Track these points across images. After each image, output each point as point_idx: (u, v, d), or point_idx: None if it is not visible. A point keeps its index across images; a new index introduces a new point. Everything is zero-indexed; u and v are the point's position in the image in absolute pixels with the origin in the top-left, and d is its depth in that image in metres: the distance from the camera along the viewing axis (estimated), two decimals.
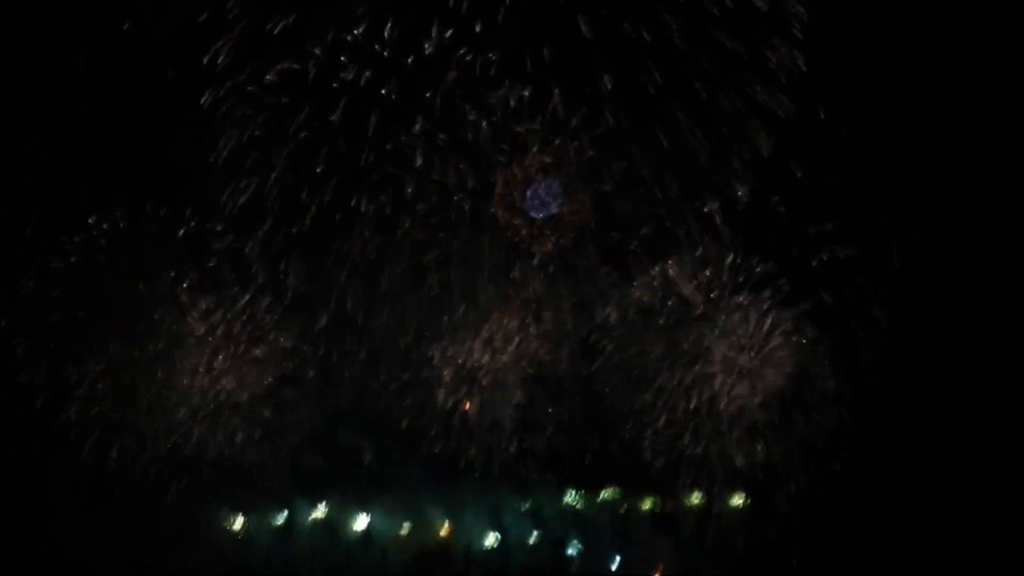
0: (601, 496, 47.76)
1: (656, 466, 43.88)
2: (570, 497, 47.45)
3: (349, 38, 39.49)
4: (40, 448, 43.41)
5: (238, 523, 46.40)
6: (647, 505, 47.55)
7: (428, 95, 39.68)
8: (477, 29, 39.24)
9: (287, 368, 43.69)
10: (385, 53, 39.53)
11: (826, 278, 42.61)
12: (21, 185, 43.16)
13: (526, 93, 39.38)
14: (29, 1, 42.37)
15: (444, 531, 46.96)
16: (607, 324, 43.54)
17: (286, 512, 46.71)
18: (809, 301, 42.38)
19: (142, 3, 40.88)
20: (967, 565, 44.25)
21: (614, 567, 47.30)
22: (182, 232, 42.87)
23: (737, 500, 46.13)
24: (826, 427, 42.97)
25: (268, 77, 39.92)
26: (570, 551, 47.37)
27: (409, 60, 39.50)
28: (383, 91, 39.96)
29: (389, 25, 39.56)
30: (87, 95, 42.32)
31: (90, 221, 42.61)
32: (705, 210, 41.32)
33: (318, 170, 41.08)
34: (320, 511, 46.84)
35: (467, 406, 43.29)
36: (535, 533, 47.27)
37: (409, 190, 40.62)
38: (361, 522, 46.90)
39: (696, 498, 46.41)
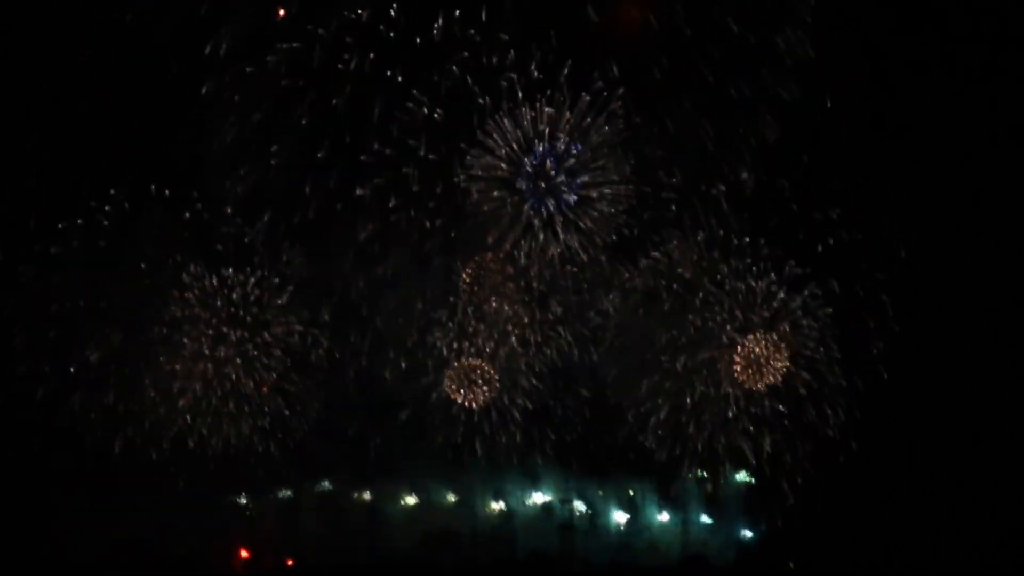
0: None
1: (659, 458, 43.45)
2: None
3: (354, 16, 39.29)
4: (43, 433, 42.58)
5: (243, 500, 45.88)
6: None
7: (436, 79, 39.60)
8: (483, 15, 39.32)
9: (296, 346, 43.03)
10: (391, 34, 39.36)
11: (833, 264, 42.25)
12: (22, 170, 42.56)
13: (535, 74, 39.09)
14: None
15: (450, 498, 46.51)
16: (611, 309, 43.07)
17: (291, 492, 46.21)
18: (816, 287, 41.98)
19: None
20: (973, 559, 43.88)
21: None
22: (187, 216, 42.24)
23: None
24: (835, 417, 42.44)
25: (269, 58, 39.59)
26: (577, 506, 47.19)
27: (416, 42, 39.42)
28: (388, 74, 39.82)
29: (395, 8, 39.52)
30: (89, 80, 41.86)
31: (92, 204, 41.94)
32: (713, 192, 41.30)
33: (318, 155, 40.78)
34: (325, 486, 46.38)
35: (469, 403, 42.79)
36: (536, 495, 46.95)
37: (407, 172, 40.38)
38: (367, 495, 46.40)
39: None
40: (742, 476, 46.19)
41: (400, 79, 39.69)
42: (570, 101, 39.37)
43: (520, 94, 39.46)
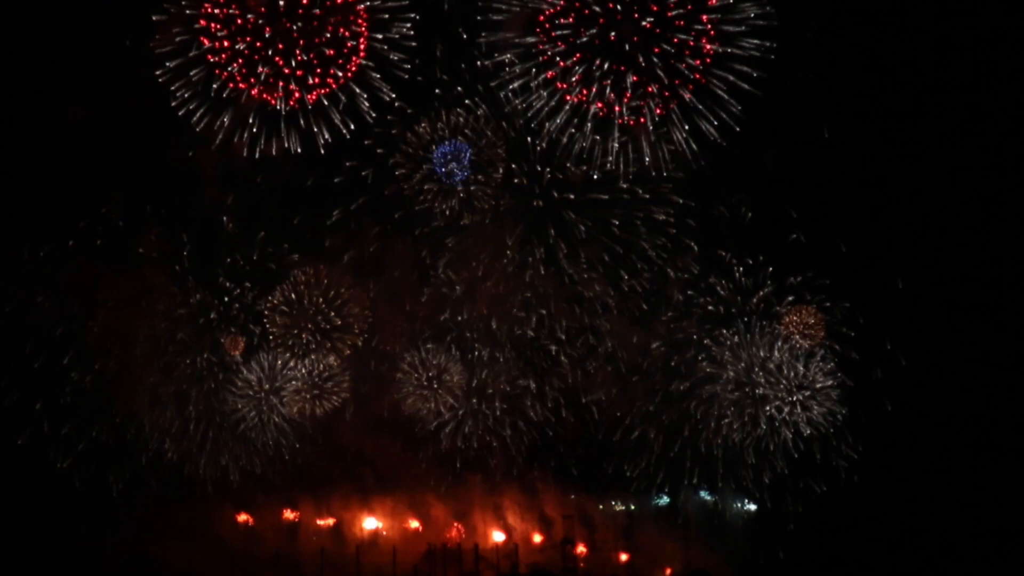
0: None
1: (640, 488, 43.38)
2: None
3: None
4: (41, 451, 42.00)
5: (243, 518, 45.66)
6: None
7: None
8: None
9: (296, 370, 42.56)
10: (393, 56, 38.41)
11: (833, 292, 41.68)
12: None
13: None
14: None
15: (453, 532, 46.09)
16: (606, 331, 42.36)
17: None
18: (816, 303, 41.46)
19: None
20: None
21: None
22: (184, 239, 41.48)
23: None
24: (838, 446, 42.18)
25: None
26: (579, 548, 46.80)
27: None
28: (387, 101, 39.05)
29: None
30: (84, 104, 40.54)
31: (80, 225, 41.02)
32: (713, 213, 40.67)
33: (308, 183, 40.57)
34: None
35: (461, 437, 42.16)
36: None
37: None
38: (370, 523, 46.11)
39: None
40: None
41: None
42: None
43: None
